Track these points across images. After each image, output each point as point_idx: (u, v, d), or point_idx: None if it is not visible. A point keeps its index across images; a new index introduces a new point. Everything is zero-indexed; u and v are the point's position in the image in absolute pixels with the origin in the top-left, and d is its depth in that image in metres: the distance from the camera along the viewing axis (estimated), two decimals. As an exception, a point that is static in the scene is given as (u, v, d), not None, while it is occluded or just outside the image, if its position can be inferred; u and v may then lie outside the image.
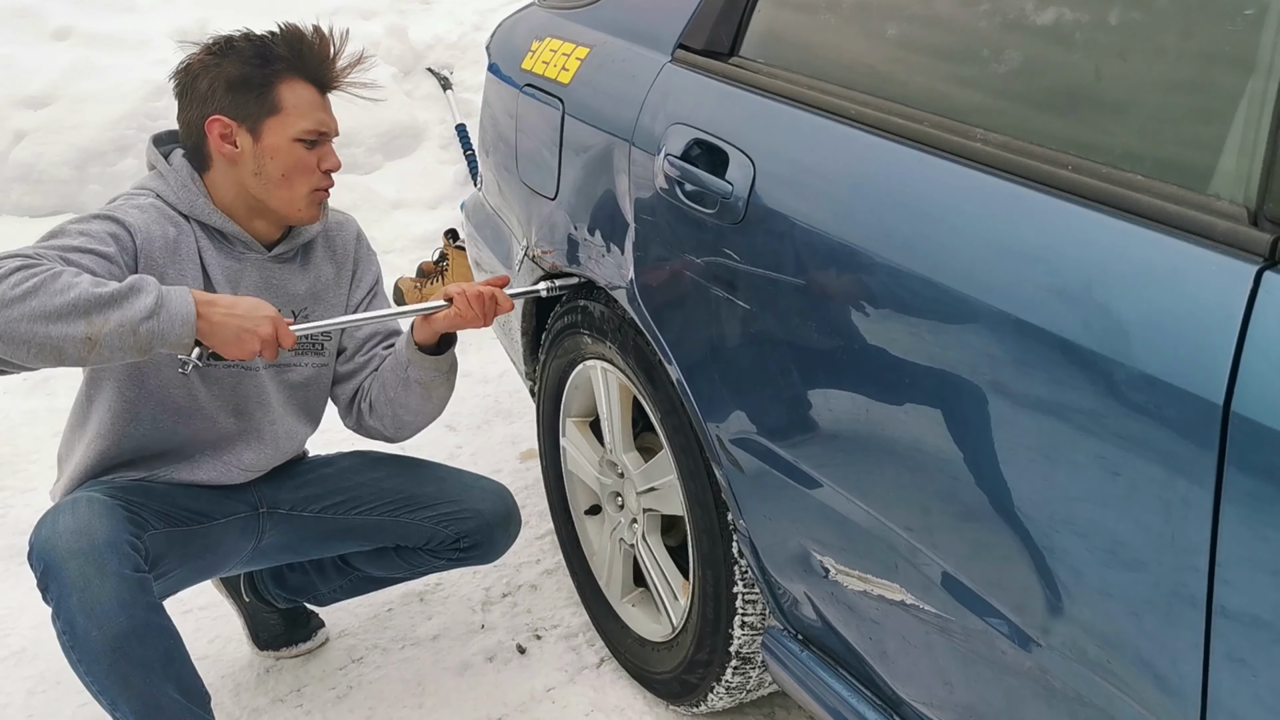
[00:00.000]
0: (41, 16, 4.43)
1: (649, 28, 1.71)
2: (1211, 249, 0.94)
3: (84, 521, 1.53)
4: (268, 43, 1.63)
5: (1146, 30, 1.10)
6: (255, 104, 1.62)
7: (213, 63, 1.62)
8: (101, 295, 1.40)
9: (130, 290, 1.43)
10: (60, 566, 1.51)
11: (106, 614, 1.50)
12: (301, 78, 1.65)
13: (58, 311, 1.38)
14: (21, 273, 1.39)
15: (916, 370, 1.19)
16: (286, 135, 1.64)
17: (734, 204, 1.41)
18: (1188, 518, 0.94)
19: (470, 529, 1.88)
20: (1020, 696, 1.17)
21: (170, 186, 1.66)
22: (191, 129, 1.66)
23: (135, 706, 1.54)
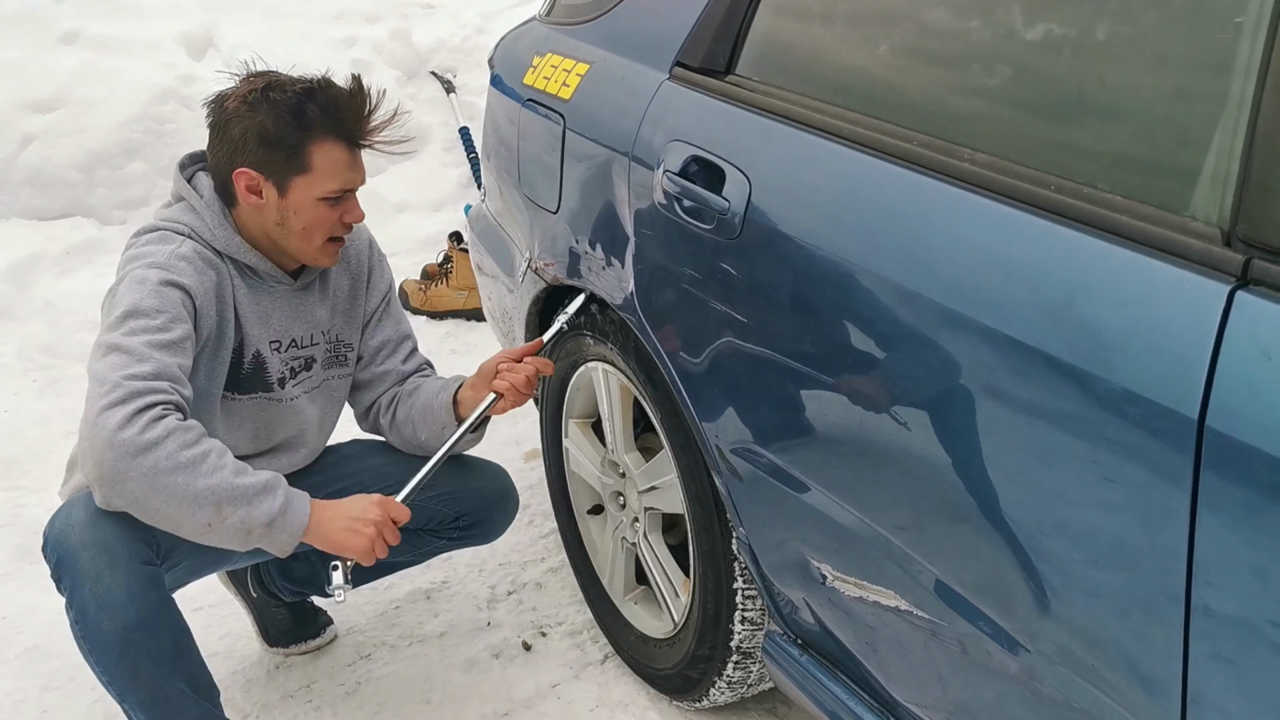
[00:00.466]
0: (49, 21, 4.46)
1: (647, 45, 1.74)
2: (1187, 268, 0.97)
3: (97, 514, 1.56)
4: (304, 100, 1.61)
5: (1129, 59, 1.13)
6: (285, 162, 1.63)
7: (247, 112, 1.61)
8: (236, 489, 1.49)
9: (262, 490, 1.52)
10: (73, 558, 1.54)
11: (117, 605, 1.53)
12: (334, 138, 1.64)
13: (196, 496, 1.47)
14: (179, 437, 1.46)
15: (907, 381, 1.23)
16: (312, 195, 1.65)
17: (730, 220, 1.45)
18: (1166, 524, 0.98)
19: (470, 507, 1.93)
20: (1011, 697, 1.21)
21: (206, 224, 1.66)
22: (220, 170, 1.67)
23: (143, 697, 1.58)
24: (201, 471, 1.47)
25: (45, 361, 3.43)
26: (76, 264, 3.93)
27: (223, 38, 4.69)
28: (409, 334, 1.96)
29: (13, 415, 3.13)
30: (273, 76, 1.66)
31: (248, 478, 1.51)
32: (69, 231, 4.03)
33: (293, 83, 1.63)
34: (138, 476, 1.45)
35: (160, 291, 1.57)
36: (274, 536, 1.54)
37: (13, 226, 4.00)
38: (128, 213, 4.18)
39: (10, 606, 2.33)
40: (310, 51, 4.70)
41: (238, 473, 1.51)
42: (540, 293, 2.04)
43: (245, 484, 1.50)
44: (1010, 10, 1.26)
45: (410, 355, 1.94)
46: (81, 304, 3.74)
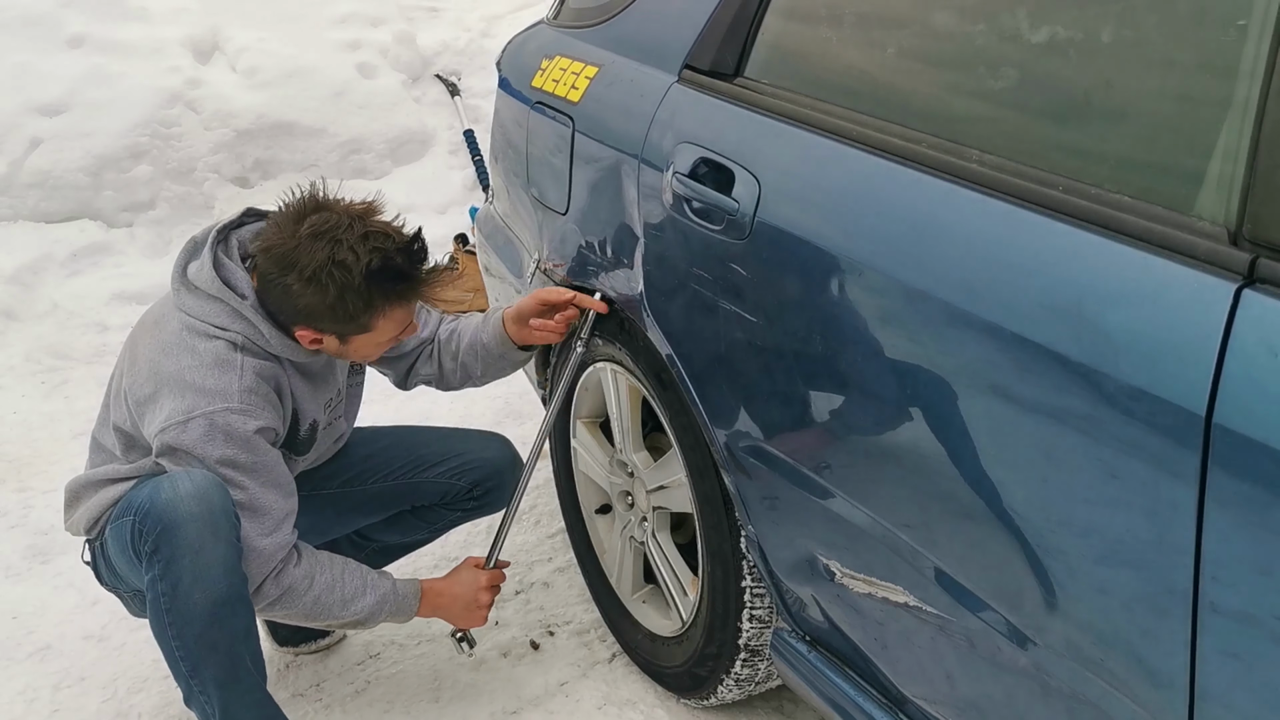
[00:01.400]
0: (56, 25, 4.47)
1: (656, 48, 1.76)
2: (1194, 267, 0.99)
3: (202, 488, 1.59)
4: (372, 281, 1.61)
5: (1136, 62, 1.15)
6: (350, 326, 1.67)
7: (315, 291, 1.60)
8: (348, 619, 1.76)
9: (371, 613, 1.78)
10: (180, 528, 1.57)
11: (213, 579, 1.59)
12: (397, 305, 1.68)
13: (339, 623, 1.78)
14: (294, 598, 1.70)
15: (916, 380, 1.24)
16: (373, 343, 1.72)
17: (740, 220, 1.47)
18: (1174, 520, 0.99)
19: (481, 476, 2.01)
20: (1019, 692, 1.22)
21: (260, 333, 1.67)
22: (277, 313, 1.67)
23: (217, 673, 1.64)
24: (321, 610, 1.73)
25: (53, 364, 3.45)
26: (84, 266, 3.95)
27: (228, 41, 4.70)
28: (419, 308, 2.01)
29: (22, 417, 3.15)
30: (334, 243, 1.59)
31: (353, 607, 1.75)
32: (76, 234, 4.05)
33: (357, 257, 1.59)
34: (279, 615, 1.75)
35: (256, 444, 1.64)
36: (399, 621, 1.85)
37: (20, 229, 4.01)
38: (134, 215, 4.20)
39: (21, 606, 2.34)
40: (315, 55, 4.73)
41: (344, 604, 1.74)
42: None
43: (353, 613, 1.75)
44: (1017, 14, 1.27)
45: (426, 320, 2.00)
46: (88, 306, 3.77)
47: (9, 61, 4.29)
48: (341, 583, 1.74)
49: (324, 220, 1.61)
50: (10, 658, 2.19)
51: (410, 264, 1.66)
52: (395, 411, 2.92)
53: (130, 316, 3.74)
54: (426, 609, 1.85)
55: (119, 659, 2.17)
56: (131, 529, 1.63)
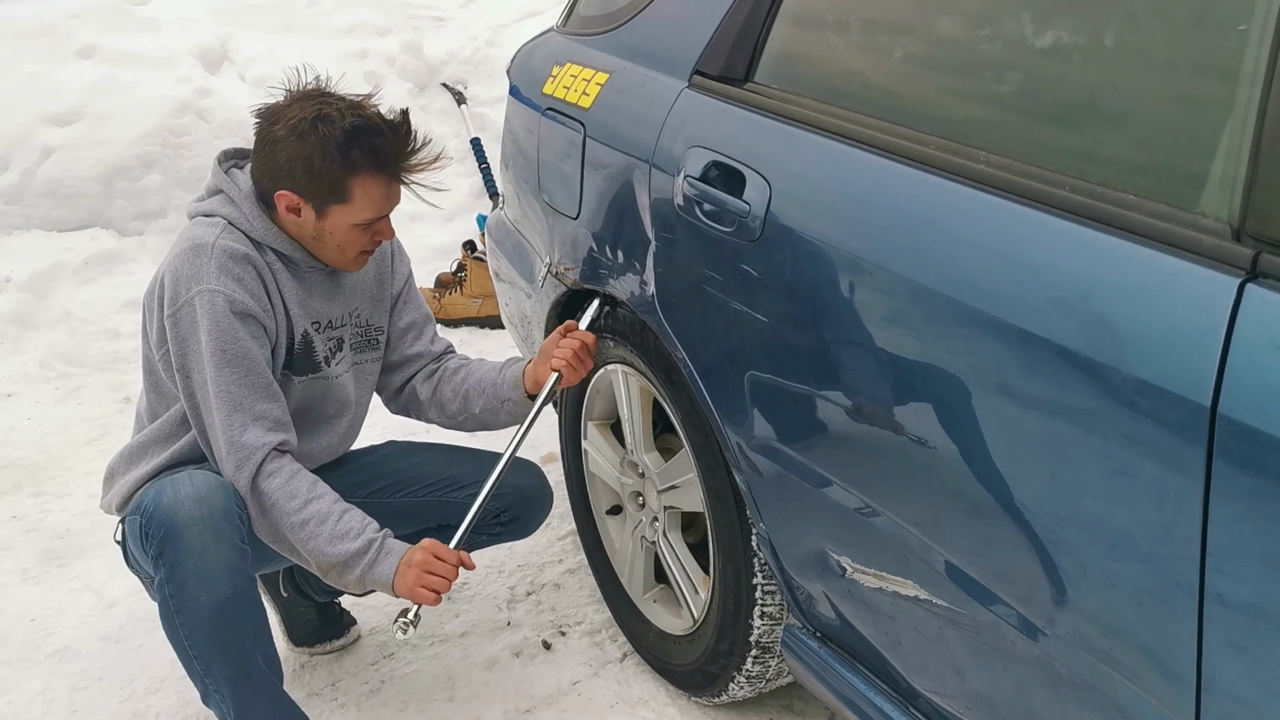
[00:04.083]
0: (67, 35, 4.51)
1: (667, 54, 1.79)
2: (1198, 263, 1.01)
3: (203, 491, 1.62)
4: (350, 138, 1.65)
5: (1139, 62, 1.17)
6: (326, 191, 1.69)
7: (295, 140, 1.66)
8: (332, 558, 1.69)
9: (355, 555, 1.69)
10: (181, 532, 1.60)
11: (217, 580, 1.61)
12: (375, 173, 1.69)
13: (304, 554, 1.70)
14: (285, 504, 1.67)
15: (925, 376, 1.26)
16: (348, 221, 1.72)
17: (751, 222, 1.49)
18: (1180, 511, 1.01)
19: (511, 503, 1.99)
20: (1029, 684, 1.24)
21: (244, 216, 1.72)
22: (261, 183, 1.73)
23: (228, 673, 1.66)
24: (303, 538, 1.68)
25: (66, 370, 3.48)
26: (95, 274, 3.98)
27: (237, 51, 4.74)
28: (430, 316, 2.05)
29: (36, 423, 3.18)
30: (322, 103, 1.68)
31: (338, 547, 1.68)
32: (88, 242, 4.09)
33: (341, 115, 1.66)
34: (262, 529, 1.71)
35: (232, 329, 1.66)
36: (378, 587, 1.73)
37: (33, 237, 4.05)
38: (145, 224, 4.23)
39: (38, 609, 2.37)
40: (323, 64, 4.75)
41: (331, 540, 1.68)
42: (560, 297, 2.08)
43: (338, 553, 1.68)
44: (1022, 18, 1.30)
45: (435, 337, 2.03)
46: (100, 314, 3.80)
47: (21, 72, 4.34)
48: (335, 518, 1.69)
49: (319, 91, 1.72)
50: (29, 659, 2.21)
51: (392, 130, 1.70)
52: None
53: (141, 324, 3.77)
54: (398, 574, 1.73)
55: (136, 660, 2.20)
56: (139, 529, 1.66)
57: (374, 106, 1.72)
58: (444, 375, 1.99)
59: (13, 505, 2.77)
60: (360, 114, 1.68)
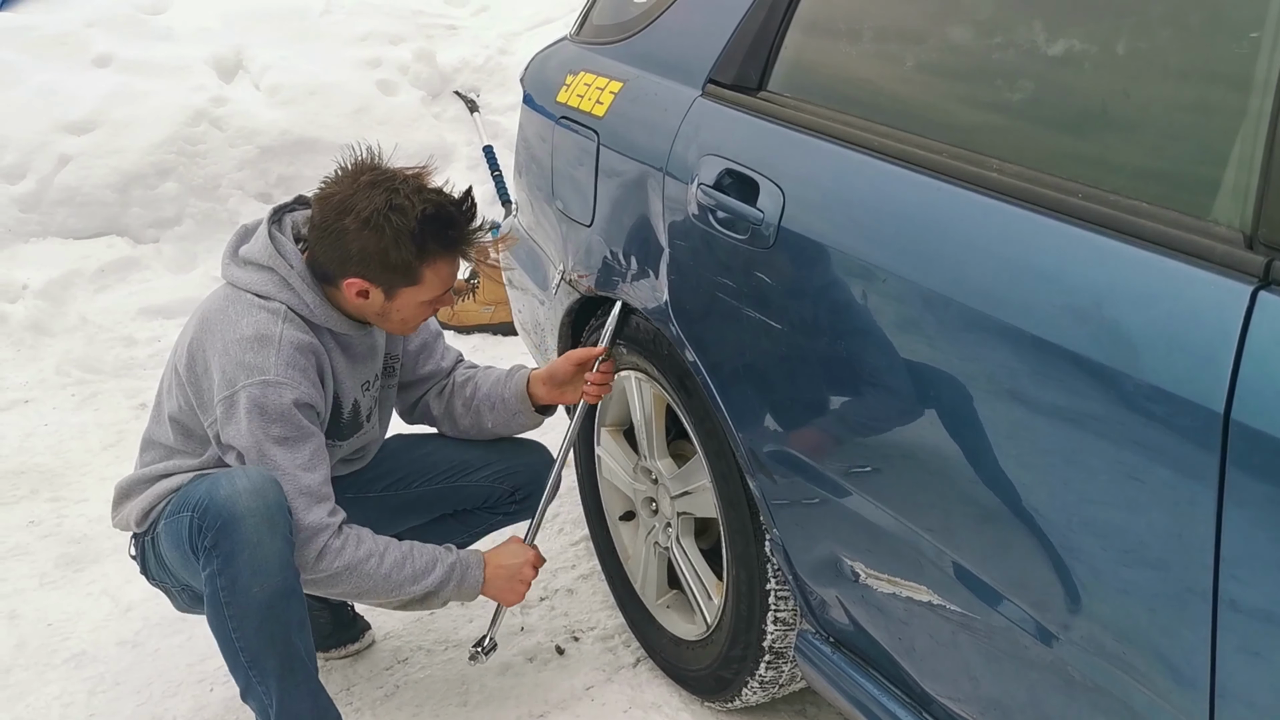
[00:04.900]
0: (83, 44, 4.55)
1: (680, 63, 1.80)
2: (1211, 270, 1.01)
3: (258, 484, 1.65)
4: (425, 229, 1.67)
5: (1151, 70, 1.18)
6: (399, 278, 1.71)
7: (370, 234, 1.66)
8: (419, 594, 1.79)
9: (441, 585, 1.80)
10: (238, 523, 1.62)
11: (270, 572, 1.64)
12: (447, 258, 1.73)
13: (395, 602, 1.81)
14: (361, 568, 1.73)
15: (938, 382, 1.27)
16: (417, 300, 1.75)
17: (764, 230, 1.50)
18: (1193, 517, 1.01)
19: (523, 480, 2.06)
20: (1042, 689, 1.24)
21: (304, 302, 1.74)
22: (327, 267, 1.73)
23: (276, 664, 1.69)
24: (392, 586, 1.76)
25: (83, 376, 3.50)
26: (111, 281, 4.01)
27: (252, 60, 4.78)
28: (439, 330, 2.09)
29: (53, 429, 3.20)
30: (391, 192, 1.67)
31: (423, 582, 1.78)
32: (104, 250, 4.12)
33: (412, 204, 1.66)
34: (341, 592, 1.78)
35: (292, 417, 1.69)
36: (463, 598, 1.87)
37: (50, 245, 4.08)
38: (161, 231, 4.26)
39: (55, 613, 2.38)
40: (337, 73, 4.79)
41: (415, 578, 1.77)
42: (573, 304, 2.10)
43: (424, 587, 1.78)
44: (1035, 26, 1.31)
45: (445, 351, 2.07)
46: (116, 321, 3.83)
47: (37, 81, 4.37)
48: (411, 558, 1.77)
49: (381, 173, 1.71)
50: (46, 664, 2.23)
51: (461, 214, 1.72)
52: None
53: (157, 330, 3.80)
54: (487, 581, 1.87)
55: (153, 664, 2.21)
56: (190, 524, 1.67)
57: (433, 182, 1.73)
58: (454, 389, 2.03)
59: (30, 511, 2.80)
60: (429, 200, 1.69)
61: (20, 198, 4.11)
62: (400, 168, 1.73)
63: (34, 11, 4.86)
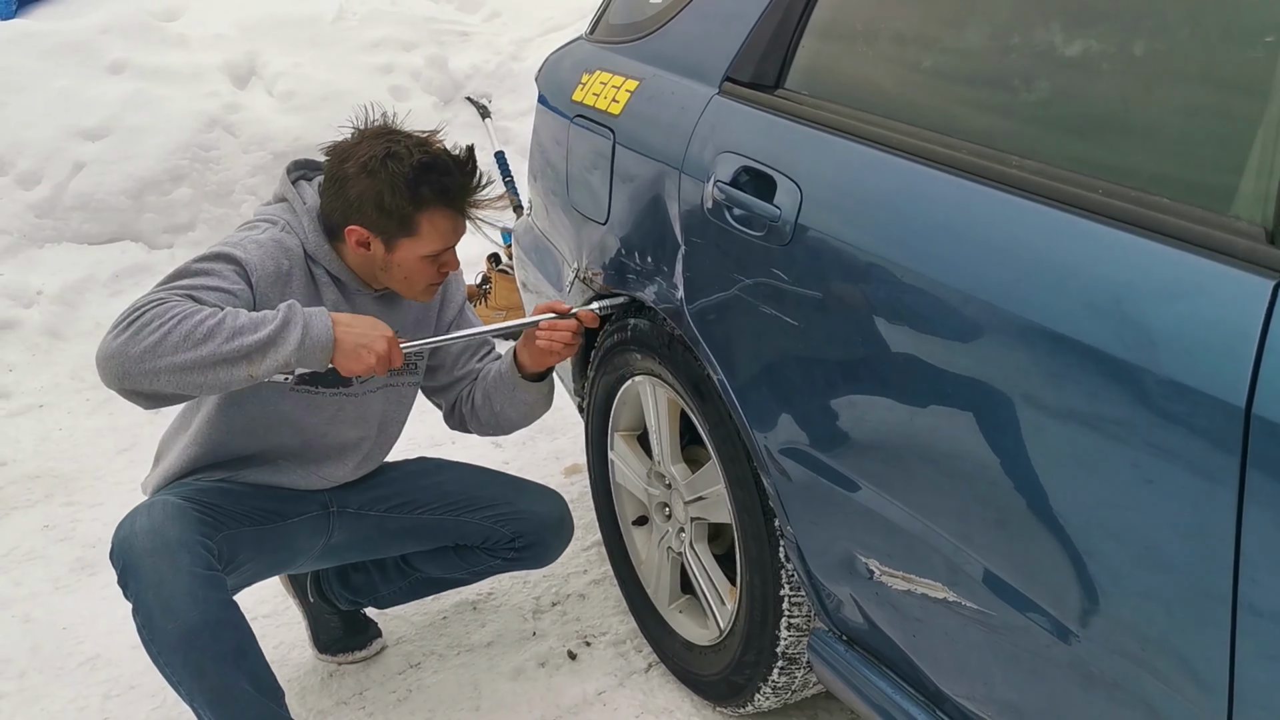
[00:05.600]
0: (98, 51, 4.57)
1: (697, 61, 1.80)
2: (1232, 265, 1.01)
3: (158, 523, 1.66)
4: (420, 174, 1.69)
5: (1171, 66, 1.17)
6: (396, 226, 1.72)
7: (365, 177, 1.69)
8: (259, 340, 1.53)
9: (282, 325, 1.56)
10: (137, 564, 1.63)
11: (179, 608, 1.61)
12: (443, 208, 1.74)
13: (224, 359, 1.52)
14: (177, 327, 1.50)
15: (957, 380, 1.26)
16: (416, 254, 1.75)
17: (782, 227, 1.50)
18: (1213, 515, 1.00)
19: (525, 529, 2.00)
20: (1058, 689, 1.23)
21: (304, 228, 1.76)
22: (331, 217, 1.75)
23: (208, 697, 1.65)
24: (219, 341, 1.51)
25: (97, 381, 3.50)
26: (126, 287, 4.02)
27: (265, 66, 4.80)
28: (486, 341, 2.05)
29: (68, 433, 3.21)
30: (391, 141, 1.71)
31: (263, 330, 1.54)
32: (118, 256, 4.14)
33: (409, 153, 1.69)
34: (164, 373, 1.52)
35: (210, 263, 1.64)
36: (308, 357, 1.58)
37: (64, 251, 4.10)
38: (174, 237, 4.28)
39: (70, 617, 2.39)
40: (349, 79, 4.81)
41: (252, 327, 1.54)
42: (587, 302, 2.09)
43: (264, 335, 1.54)
44: (1053, 27, 1.30)
45: (486, 354, 2.04)
46: (130, 325, 3.84)
47: (53, 87, 4.40)
48: (241, 312, 1.57)
49: (387, 128, 1.76)
50: (60, 667, 2.23)
51: (459, 167, 1.74)
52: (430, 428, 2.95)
53: (171, 335, 3.81)
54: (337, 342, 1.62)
55: (166, 667, 2.21)
56: (111, 561, 1.69)
57: (440, 143, 1.76)
58: (475, 387, 2.02)
59: (45, 515, 2.81)
60: (428, 151, 1.71)
61: (35, 203, 4.13)
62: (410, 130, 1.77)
63: (49, 18, 4.90)
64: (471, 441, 2.96)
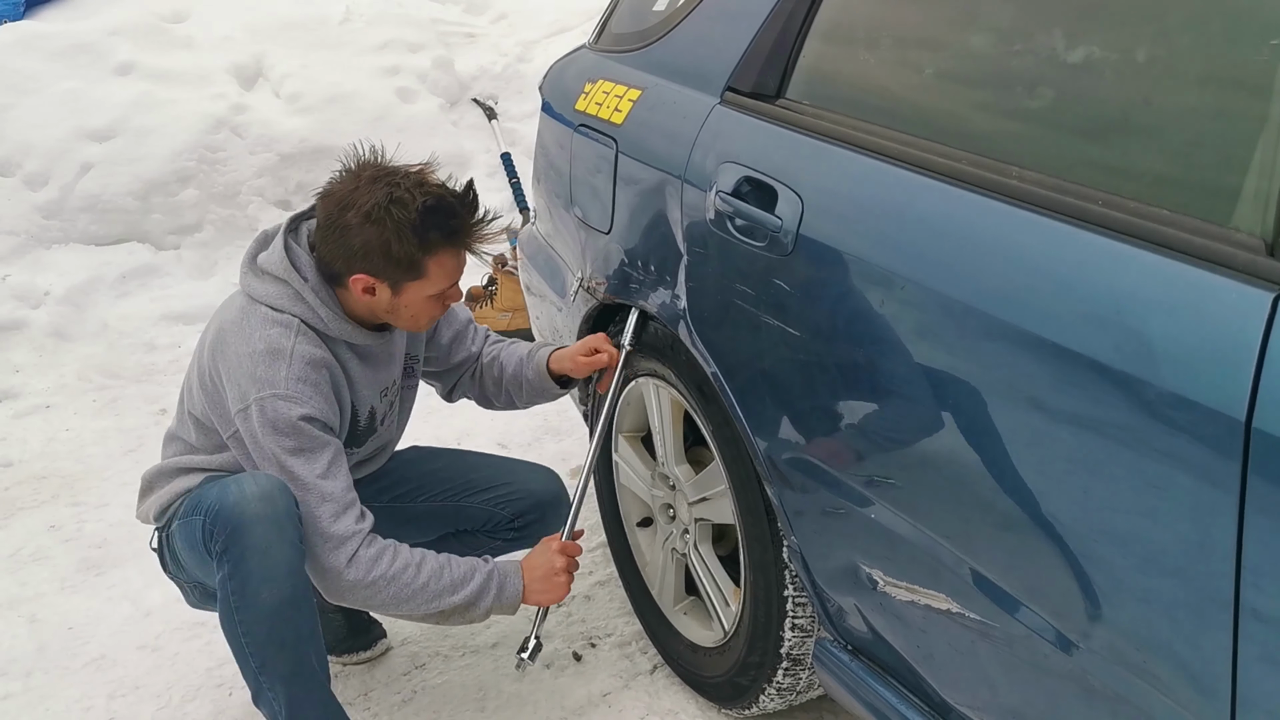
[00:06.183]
0: (105, 53, 4.59)
1: (698, 71, 1.80)
2: (1232, 278, 1.01)
3: (267, 490, 1.66)
4: (426, 220, 1.67)
5: (1171, 77, 1.18)
6: (403, 272, 1.71)
7: (370, 227, 1.66)
8: (458, 605, 1.75)
9: (478, 595, 1.76)
10: (248, 528, 1.63)
11: (279, 578, 1.65)
12: (450, 249, 1.73)
13: (431, 614, 1.76)
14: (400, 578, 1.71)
15: (958, 390, 1.27)
16: (424, 294, 1.75)
17: (783, 237, 1.51)
18: (1215, 525, 1.01)
19: (525, 508, 2.05)
20: (1061, 698, 1.24)
21: (318, 316, 1.74)
22: (332, 265, 1.73)
23: (285, 669, 1.69)
24: (429, 597, 1.73)
25: (104, 382, 3.53)
26: (132, 288, 4.04)
27: (272, 68, 4.81)
28: (469, 317, 2.11)
29: (74, 434, 3.23)
30: (392, 185, 1.67)
31: (461, 592, 1.75)
32: (125, 256, 4.16)
33: (412, 197, 1.67)
34: (380, 604, 1.74)
35: (303, 429, 1.68)
36: (503, 612, 1.82)
37: (71, 251, 4.12)
38: (181, 238, 4.30)
39: (76, 617, 2.40)
40: (356, 80, 4.82)
41: (453, 588, 1.75)
42: (591, 311, 2.10)
43: (463, 598, 1.75)
44: (1054, 34, 1.30)
45: (475, 335, 2.09)
46: (137, 327, 3.86)
47: (60, 89, 4.42)
48: (449, 568, 1.75)
49: (383, 169, 1.72)
50: (66, 668, 2.25)
51: (463, 206, 1.72)
52: (435, 429, 2.97)
53: (177, 336, 3.83)
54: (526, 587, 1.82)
55: (172, 668, 2.23)
56: (202, 528, 1.69)
57: (435, 177, 1.74)
58: (483, 371, 2.07)
59: (51, 515, 2.82)
60: (429, 192, 1.69)
61: (43, 205, 4.15)
62: (403, 165, 1.74)
63: (57, 20, 4.92)
64: (479, 443, 2.99)
